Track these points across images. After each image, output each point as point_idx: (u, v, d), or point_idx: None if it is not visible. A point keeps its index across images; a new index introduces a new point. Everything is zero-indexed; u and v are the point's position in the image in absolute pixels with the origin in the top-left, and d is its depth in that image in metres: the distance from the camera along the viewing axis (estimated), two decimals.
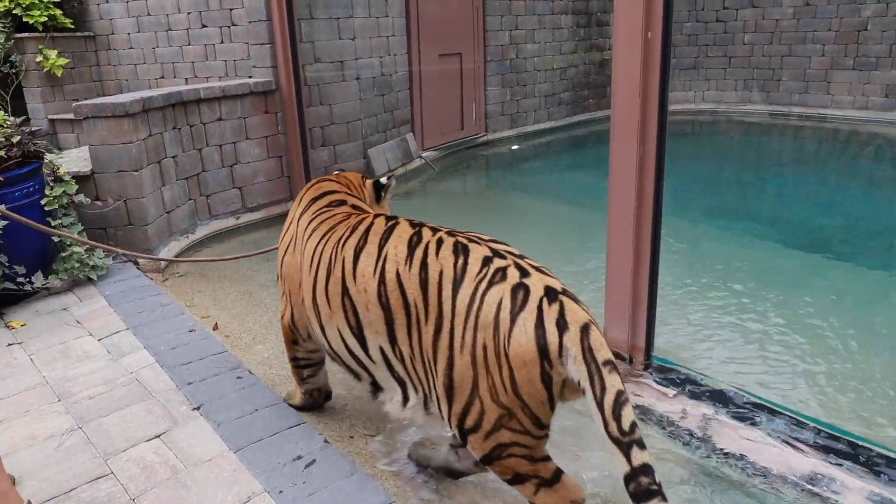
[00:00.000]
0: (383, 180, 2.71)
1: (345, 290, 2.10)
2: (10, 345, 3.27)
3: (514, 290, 1.76)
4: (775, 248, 4.96)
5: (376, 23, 6.39)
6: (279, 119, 5.44)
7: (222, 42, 6.46)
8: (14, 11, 6.51)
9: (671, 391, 2.85)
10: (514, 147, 8.64)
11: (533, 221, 5.57)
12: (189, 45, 6.72)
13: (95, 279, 3.94)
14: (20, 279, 3.57)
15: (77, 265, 3.86)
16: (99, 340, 3.26)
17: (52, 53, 6.75)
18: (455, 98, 8.02)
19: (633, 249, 2.89)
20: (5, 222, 3.43)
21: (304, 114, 5.42)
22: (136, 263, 4.29)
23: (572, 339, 1.68)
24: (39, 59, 6.70)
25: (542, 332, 1.70)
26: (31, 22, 6.60)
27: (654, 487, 1.54)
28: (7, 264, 3.50)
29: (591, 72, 10.27)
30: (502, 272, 1.81)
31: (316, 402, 2.72)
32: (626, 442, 1.56)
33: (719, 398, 2.77)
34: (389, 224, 2.15)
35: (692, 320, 3.70)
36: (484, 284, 1.80)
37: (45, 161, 3.89)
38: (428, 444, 2.40)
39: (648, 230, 2.85)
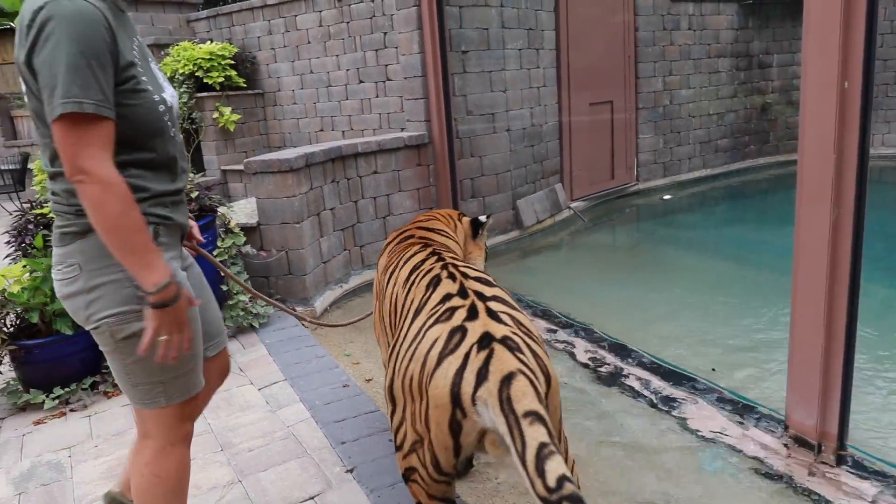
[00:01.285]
0: (481, 218, 2.84)
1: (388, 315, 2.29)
2: None
3: (452, 332, 1.73)
4: None
5: (528, 74, 6.39)
6: (431, 172, 5.53)
7: (377, 96, 6.72)
8: (196, 74, 7.17)
9: (870, 489, 2.46)
10: (667, 197, 8.25)
11: (689, 280, 5.20)
12: (347, 99, 7.05)
13: (257, 327, 4.12)
14: None
15: (242, 313, 4.06)
16: (259, 390, 3.36)
17: (227, 110, 7.35)
18: (605, 147, 7.81)
19: (825, 324, 2.56)
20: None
21: (456, 166, 5.46)
22: (295, 311, 4.44)
23: (490, 390, 1.56)
24: (216, 115, 7.30)
25: (459, 380, 1.62)
26: (210, 83, 7.23)
27: None
28: None
29: (753, 116, 9.67)
30: (451, 312, 1.80)
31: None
32: (554, 500, 1.36)
33: None
34: (421, 252, 2.28)
35: (890, 402, 3.23)
36: (431, 320, 1.82)
37: (218, 214, 4.15)
38: None
39: (844, 303, 2.52)
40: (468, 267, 2.08)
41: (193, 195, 3.89)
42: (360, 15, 6.61)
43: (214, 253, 4.02)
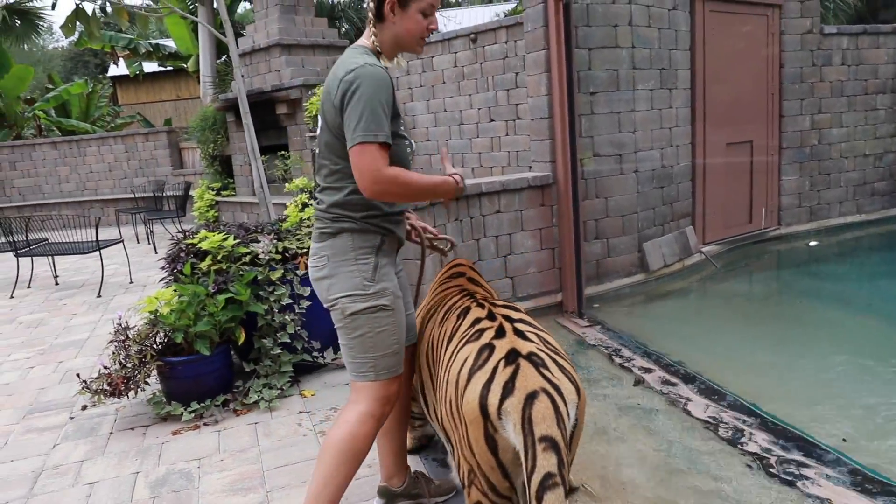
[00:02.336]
0: None
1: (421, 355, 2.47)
2: (300, 412, 3.67)
3: (481, 349, 1.85)
4: None
5: (659, 115, 6.25)
6: (554, 212, 5.53)
7: (507, 135, 6.84)
8: None
9: None
10: (813, 244, 7.69)
11: (832, 338, 4.80)
12: (478, 137, 7.23)
13: None
14: (315, 353, 4.03)
15: None
16: None
17: None
18: (743, 188, 7.45)
19: None
20: (309, 302, 3.92)
21: (580, 207, 5.43)
22: None
23: (514, 404, 1.65)
24: None
25: (487, 392, 1.71)
26: None
27: None
28: (307, 339, 3.98)
29: None
30: (480, 333, 1.95)
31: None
32: None
33: None
34: (457, 293, 2.46)
35: None
36: (462, 342, 1.96)
37: None
38: None
39: None
40: (497, 299, 2.29)
41: None
42: (494, 56, 6.79)
43: None
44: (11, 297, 7.30)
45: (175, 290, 3.68)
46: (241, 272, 3.79)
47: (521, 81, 6.49)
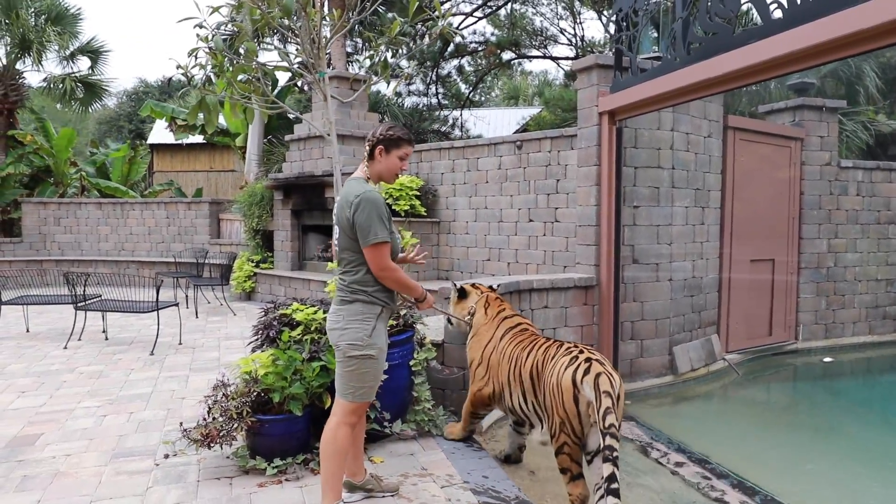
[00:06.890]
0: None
1: (519, 375, 4.04)
2: (371, 476, 4.00)
3: (572, 358, 3.61)
4: None
5: (692, 230, 6.83)
6: (595, 311, 6.00)
7: (544, 235, 7.40)
8: (387, 202, 8.26)
9: None
10: (827, 360, 8.11)
11: (844, 451, 5.17)
12: (515, 235, 7.79)
13: (435, 433, 4.65)
14: (385, 423, 4.40)
15: (424, 418, 4.62)
16: (442, 488, 3.84)
17: (407, 234, 8.31)
18: (764, 302, 7.94)
19: None
20: (386, 376, 4.32)
21: (619, 309, 5.91)
22: None
23: (588, 379, 3.41)
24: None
25: (574, 373, 3.49)
26: (397, 209, 8.29)
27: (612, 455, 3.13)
28: (379, 409, 4.36)
29: None
30: (571, 351, 3.71)
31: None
32: (603, 431, 3.19)
33: None
34: (544, 342, 4.06)
35: None
36: (560, 355, 3.73)
37: (417, 330, 4.84)
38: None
39: None
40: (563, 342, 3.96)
41: (402, 313, 4.61)
42: (537, 163, 7.45)
43: (411, 363, 4.66)
44: (65, 347, 7.69)
45: (272, 355, 4.10)
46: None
47: (561, 188, 7.11)
